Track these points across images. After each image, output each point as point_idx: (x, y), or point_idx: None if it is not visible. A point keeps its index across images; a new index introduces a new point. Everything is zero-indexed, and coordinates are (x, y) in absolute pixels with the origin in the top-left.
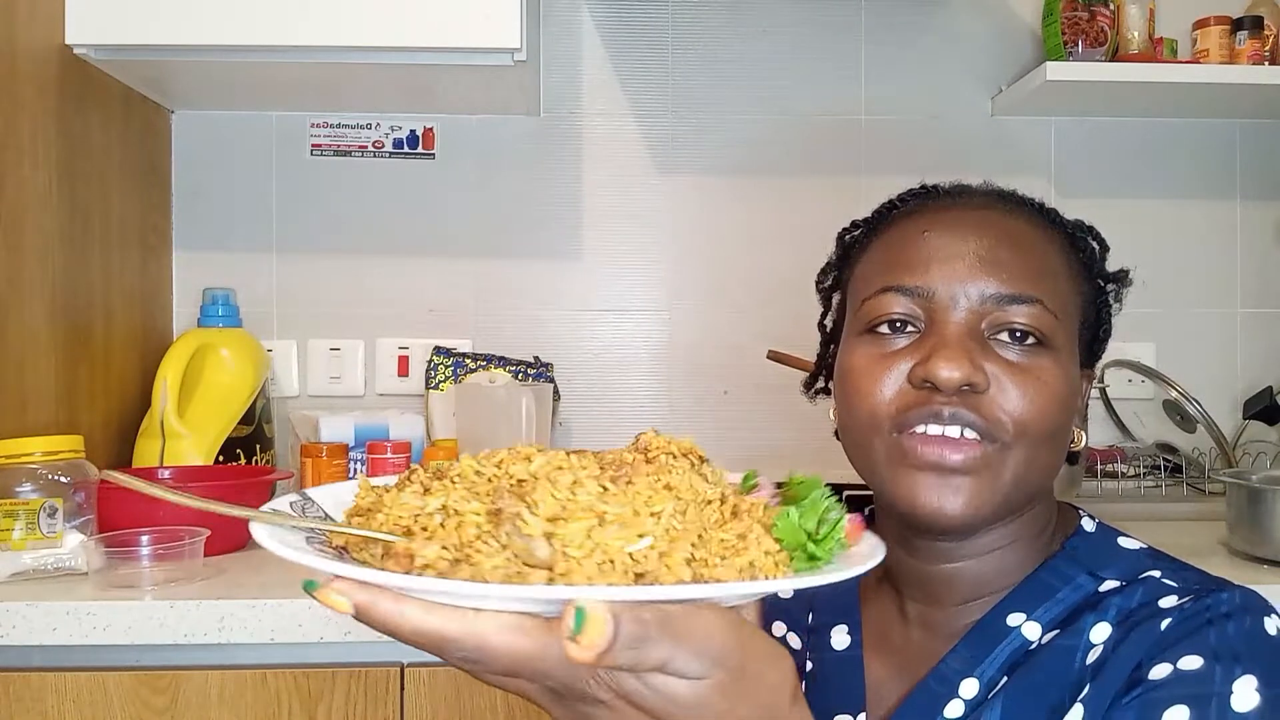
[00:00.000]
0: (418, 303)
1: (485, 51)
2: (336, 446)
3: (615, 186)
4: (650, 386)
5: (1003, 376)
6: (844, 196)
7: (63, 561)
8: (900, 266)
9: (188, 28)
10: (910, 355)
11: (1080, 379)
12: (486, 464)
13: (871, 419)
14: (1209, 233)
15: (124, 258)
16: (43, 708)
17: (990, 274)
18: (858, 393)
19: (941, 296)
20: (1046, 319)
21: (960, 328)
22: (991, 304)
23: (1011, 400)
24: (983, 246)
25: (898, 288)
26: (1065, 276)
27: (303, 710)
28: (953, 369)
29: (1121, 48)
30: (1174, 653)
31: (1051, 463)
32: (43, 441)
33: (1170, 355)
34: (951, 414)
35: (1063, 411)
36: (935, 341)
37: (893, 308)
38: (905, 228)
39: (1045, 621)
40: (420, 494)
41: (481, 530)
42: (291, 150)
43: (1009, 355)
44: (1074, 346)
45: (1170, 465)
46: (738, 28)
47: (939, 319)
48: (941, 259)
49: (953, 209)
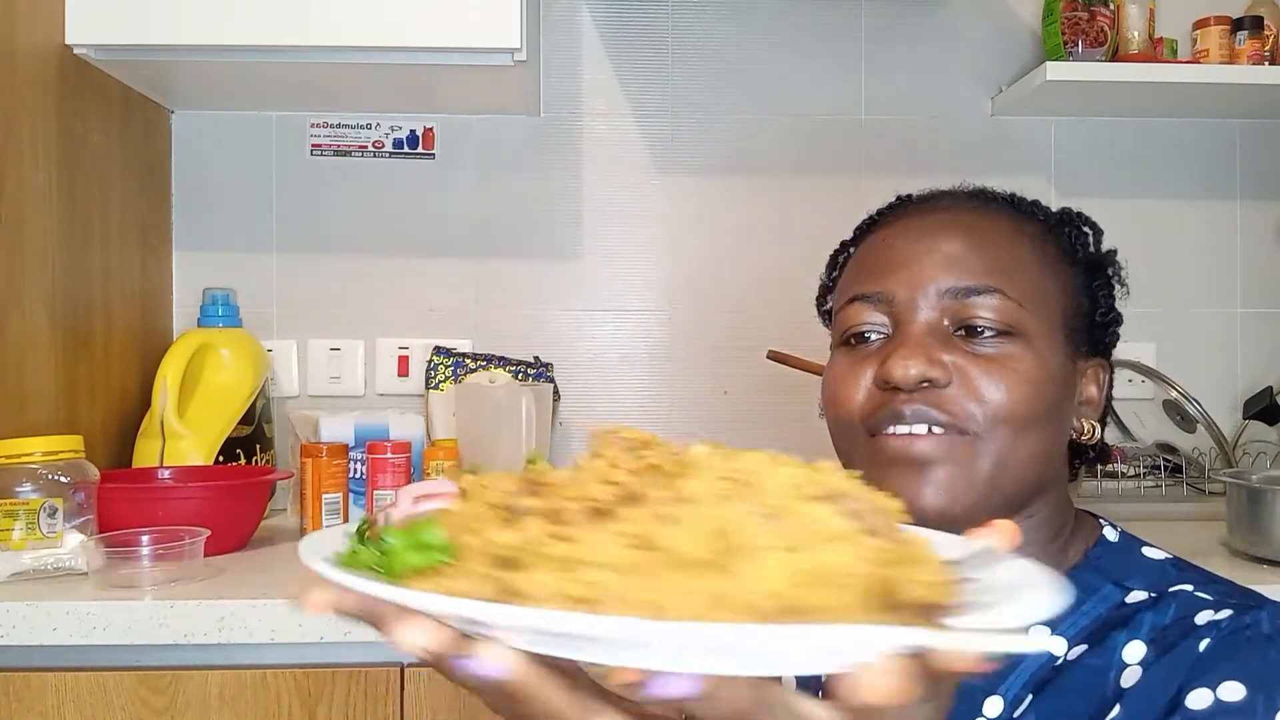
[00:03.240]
0: (418, 303)
1: (485, 51)
2: (336, 446)
3: (615, 186)
4: (650, 386)
5: (968, 368)
6: (844, 196)
7: (63, 561)
8: (865, 276)
9: (188, 28)
10: (876, 360)
11: (1071, 367)
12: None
13: (848, 426)
14: (1209, 233)
15: (124, 258)
16: (43, 708)
17: (947, 270)
18: (834, 401)
19: (901, 300)
20: (1009, 308)
21: (921, 327)
22: (950, 299)
23: (980, 390)
24: (942, 245)
25: (861, 296)
26: (1038, 265)
27: (303, 710)
28: (908, 365)
29: (1121, 48)
30: (1214, 677)
31: (1040, 452)
32: (43, 441)
33: (1170, 355)
34: (914, 412)
35: (1040, 398)
36: (896, 342)
37: (860, 317)
38: (872, 239)
39: (1071, 636)
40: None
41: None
42: (291, 150)
43: (977, 349)
44: (1054, 334)
45: (1170, 465)
46: (737, 28)
47: (902, 321)
48: (901, 264)
49: (919, 215)
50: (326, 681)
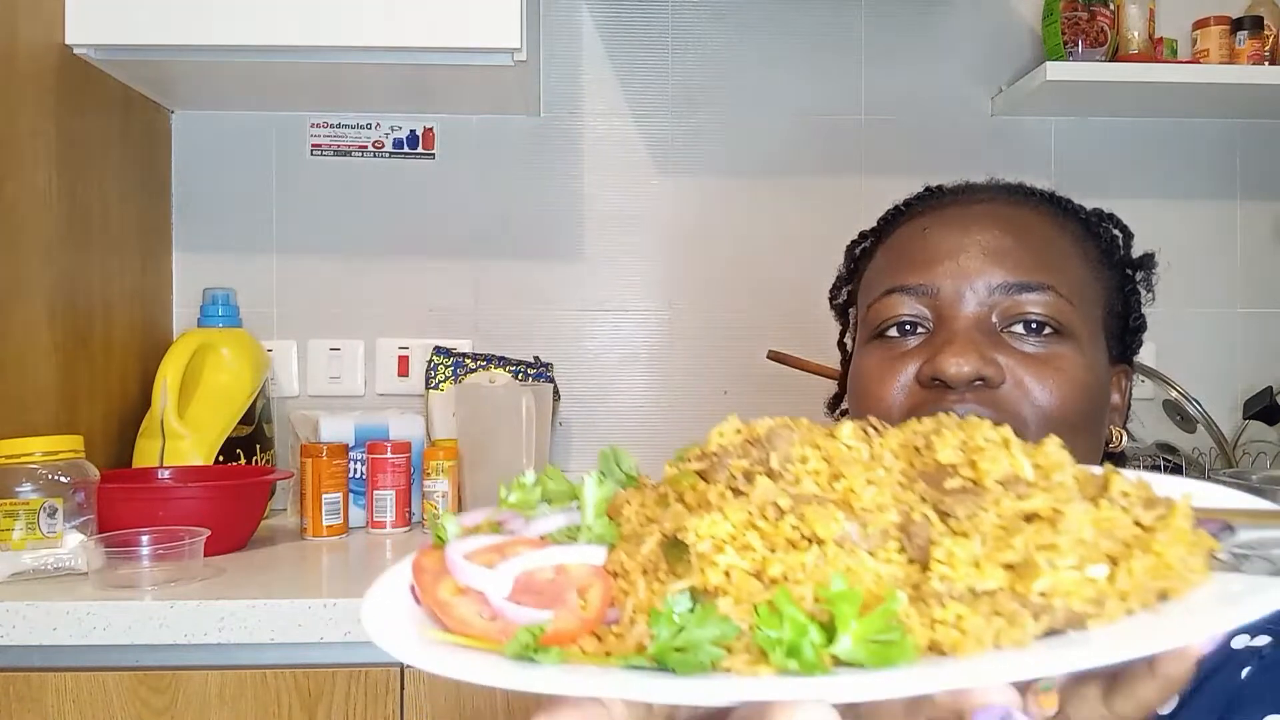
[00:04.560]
0: (418, 303)
1: (485, 51)
2: (336, 446)
3: (615, 186)
4: (650, 386)
5: (1019, 369)
6: (844, 196)
7: (63, 561)
8: (903, 267)
9: (188, 28)
10: (919, 355)
11: (1109, 370)
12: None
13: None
14: (1209, 233)
15: (124, 258)
16: (43, 708)
17: (996, 264)
18: (868, 397)
19: (947, 292)
20: (1061, 306)
21: (969, 321)
22: (1000, 294)
23: (1031, 393)
24: (987, 238)
25: (902, 288)
26: (1081, 263)
27: (303, 710)
28: (961, 363)
29: (1121, 48)
30: (1257, 709)
31: (1084, 459)
32: (43, 441)
33: (1170, 355)
34: (966, 412)
35: (1088, 400)
36: (943, 338)
37: (899, 309)
38: (907, 229)
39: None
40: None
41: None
42: (291, 150)
43: (1025, 348)
44: (1098, 335)
45: (1170, 465)
46: (737, 28)
47: (947, 315)
48: (945, 255)
49: (955, 205)
50: (326, 681)
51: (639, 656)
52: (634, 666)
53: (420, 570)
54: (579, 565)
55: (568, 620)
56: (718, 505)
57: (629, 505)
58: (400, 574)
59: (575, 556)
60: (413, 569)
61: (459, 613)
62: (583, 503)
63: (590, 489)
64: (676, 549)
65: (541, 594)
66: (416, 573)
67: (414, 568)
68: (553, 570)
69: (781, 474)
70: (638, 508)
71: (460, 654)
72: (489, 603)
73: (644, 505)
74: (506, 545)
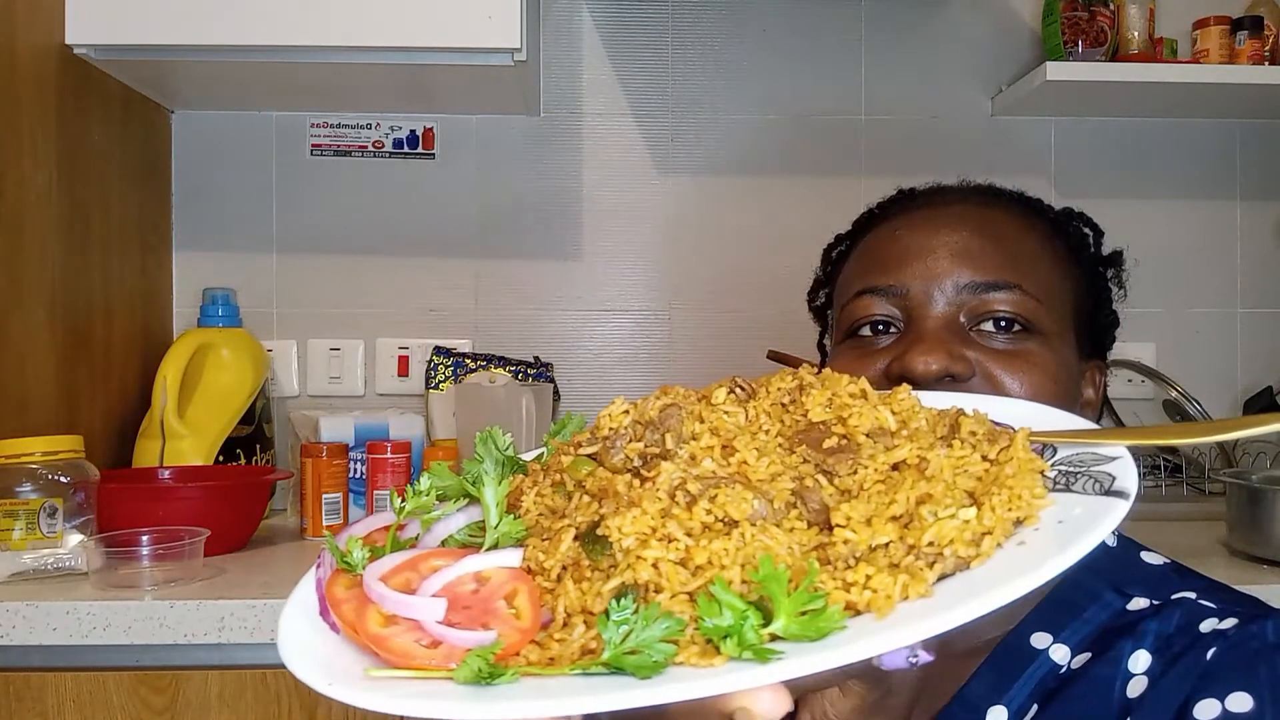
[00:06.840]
0: (418, 303)
1: (485, 51)
2: (336, 446)
3: (615, 186)
4: (650, 386)
5: (989, 363)
6: (844, 196)
7: (63, 561)
8: (875, 269)
9: (188, 28)
10: (890, 354)
11: (1079, 366)
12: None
13: None
14: (1209, 233)
15: (124, 258)
16: (43, 708)
17: (964, 264)
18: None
19: (916, 293)
20: (1028, 304)
21: (938, 321)
22: (968, 294)
23: (1002, 385)
24: (955, 239)
25: (873, 289)
26: (1049, 262)
27: (303, 710)
28: (929, 360)
29: (1121, 48)
30: (1222, 687)
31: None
32: (43, 441)
33: (1170, 355)
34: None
35: (1059, 395)
36: (912, 336)
37: (870, 310)
38: (879, 232)
39: (1073, 644)
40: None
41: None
42: (291, 150)
43: (994, 344)
44: (1068, 332)
45: (1170, 465)
46: (737, 28)
47: (916, 315)
48: (914, 256)
49: (926, 208)
50: None
51: (593, 663)
52: (589, 674)
53: (337, 602)
54: (496, 569)
55: (509, 635)
56: (631, 498)
57: (527, 495)
58: (302, 603)
59: (491, 562)
60: (328, 601)
61: (397, 645)
62: (485, 506)
63: (490, 492)
64: (596, 544)
65: (470, 608)
66: (333, 605)
67: (329, 600)
68: (472, 579)
69: (676, 453)
70: (536, 498)
71: (418, 689)
72: (425, 629)
73: (542, 495)
74: (419, 560)
